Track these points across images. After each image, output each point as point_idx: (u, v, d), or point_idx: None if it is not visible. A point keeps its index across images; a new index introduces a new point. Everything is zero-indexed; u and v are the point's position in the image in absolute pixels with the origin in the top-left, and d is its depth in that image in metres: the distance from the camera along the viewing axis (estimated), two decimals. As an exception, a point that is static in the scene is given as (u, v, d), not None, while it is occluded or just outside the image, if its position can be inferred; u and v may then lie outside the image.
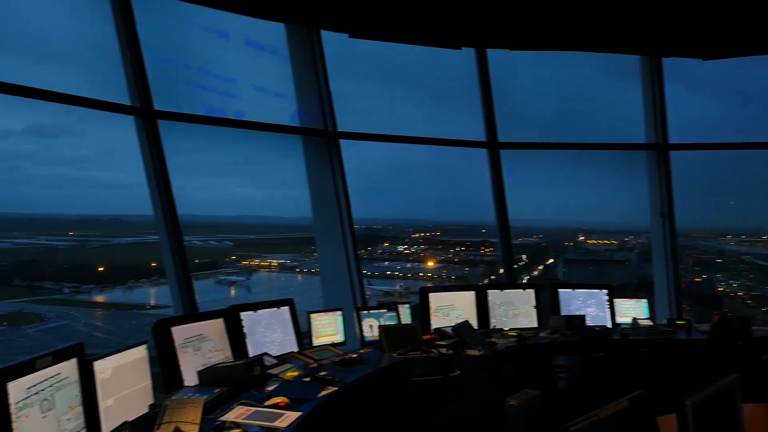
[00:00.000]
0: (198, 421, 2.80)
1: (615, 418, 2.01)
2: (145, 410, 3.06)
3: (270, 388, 3.55)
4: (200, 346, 3.96)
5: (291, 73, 6.18)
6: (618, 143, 7.30)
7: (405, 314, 5.64)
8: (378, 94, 7.47)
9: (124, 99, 4.84)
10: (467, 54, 6.82)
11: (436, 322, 5.64)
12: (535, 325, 6.02)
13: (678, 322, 6.07)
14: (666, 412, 2.03)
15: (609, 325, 6.08)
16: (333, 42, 6.21)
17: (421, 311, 5.72)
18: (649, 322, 6.16)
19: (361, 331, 5.25)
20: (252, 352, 4.33)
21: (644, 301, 6.40)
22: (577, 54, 6.77)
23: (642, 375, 5.32)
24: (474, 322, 5.72)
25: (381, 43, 6.40)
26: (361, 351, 4.90)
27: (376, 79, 7.45)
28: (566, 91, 8.00)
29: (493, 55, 6.80)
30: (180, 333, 3.84)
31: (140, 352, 3.21)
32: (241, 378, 3.59)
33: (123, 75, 4.85)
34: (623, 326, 6.10)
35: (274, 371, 4.00)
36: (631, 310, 6.33)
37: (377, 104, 7.42)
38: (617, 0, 5.33)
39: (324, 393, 3.55)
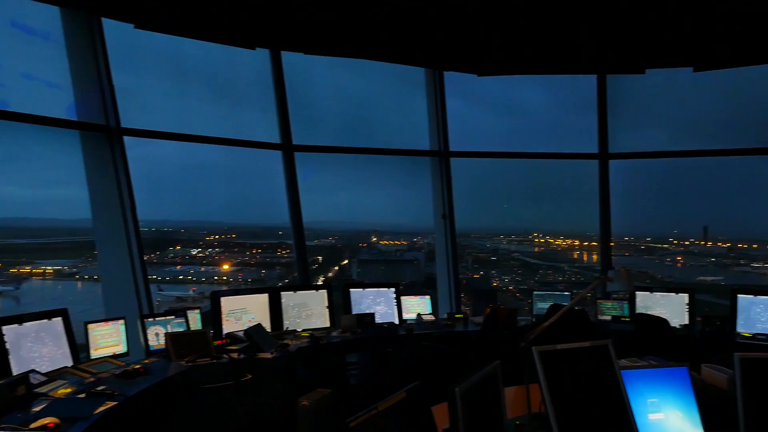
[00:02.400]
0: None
1: (393, 410, 2.10)
2: None
3: (37, 409, 3.22)
4: (-53, 368, 3.46)
5: (67, 62, 5.64)
6: (406, 149, 7.73)
7: (195, 320, 5.44)
8: (170, 91, 7.10)
9: None
10: (262, 55, 6.78)
11: (228, 327, 5.52)
12: (327, 324, 6.16)
13: (457, 315, 6.62)
14: (443, 400, 2.19)
15: (396, 321, 6.42)
16: (119, 32, 5.78)
17: (213, 316, 5.55)
18: (432, 317, 6.62)
19: (146, 339, 4.96)
20: (16, 370, 3.88)
21: (427, 297, 6.87)
22: (371, 63, 7.05)
23: (425, 367, 5.69)
24: (267, 325, 5.70)
25: (174, 38, 6.09)
26: (146, 361, 4.65)
27: (169, 75, 7.08)
28: (360, 97, 8.29)
29: (290, 57, 6.84)
30: None
31: None
32: (0, 400, 3.20)
33: None
34: (409, 322, 6.49)
35: (42, 389, 3.63)
36: (416, 307, 6.75)
37: (169, 101, 7.05)
38: (402, 14, 5.64)
39: (102, 409, 3.30)
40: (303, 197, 7.07)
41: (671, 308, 6.44)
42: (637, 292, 6.68)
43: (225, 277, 9.55)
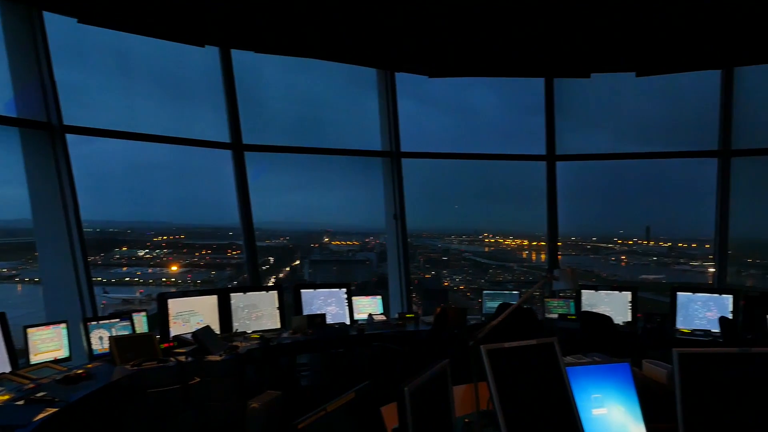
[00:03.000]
0: None
1: (342, 411, 2.10)
2: None
3: (-29, 417, 3.09)
4: None
5: (6, 56, 5.43)
6: (358, 150, 7.73)
7: (141, 323, 5.32)
8: (116, 88, 6.91)
9: None
10: (212, 52, 6.68)
11: (176, 330, 5.42)
12: (278, 326, 6.11)
13: (408, 315, 6.66)
14: (394, 400, 2.19)
15: (347, 322, 6.42)
16: (62, 26, 5.59)
17: (160, 319, 5.44)
18: (383, 317, 6.64)
19: (89, 343, 4.82)
20: (-51, 377, 3.73)
21: (379, 297, 6.89)
22: (323, 62, 7.02)
23: (376, 367, 5.70)
24: (216, 327, 5.62)
25: (120, 33, 5.93)
26: (89, 366, 4.53)
27: (115, 71, 6.89)
28: (312, 97, 8.23)
29: (240, 56, 6.75)
30: None
31: None
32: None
33: None
34: (360, 322, 6.49)
35: (-23, 397, 3.49)
36: (368, 307, 6.76)
37: (114, 98, 6.86)
38: (353, 15, 5.64)
39: (41, 416, 3.19)
40: (253, 197, 6.99)
41: (615, 306, 6.63)
42: (582, 291, 6.85)
43: (173, 279, 9.35)
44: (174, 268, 9.51)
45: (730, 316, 6.00)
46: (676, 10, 5.39)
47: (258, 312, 6.05)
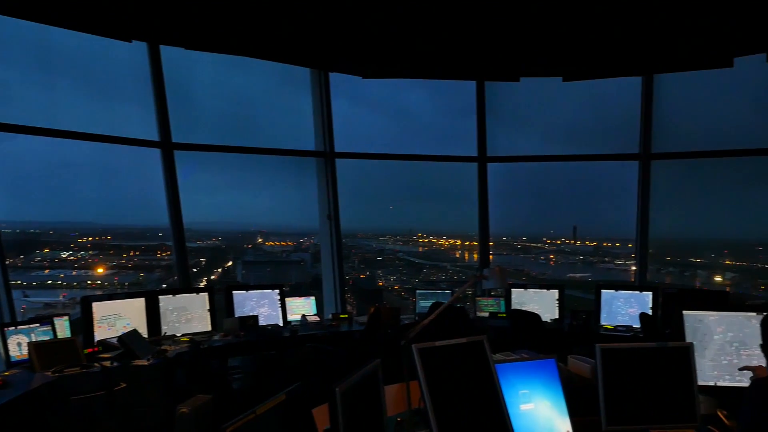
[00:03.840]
0: None
1: (272, 413, 2.07)
2: None
3: None
4: None
5: None
6: (291, 149, 7.66)
7: (63, 327, 5.11)
8: (36, 83, 6.61)
9: None
10: (140, 48, 6.48)
11: (101, 334, 5.23)
12: (209, 328, 5.99)
13: (341, 316, 6.66)
14: (326, 401, 2.18)
15: (281, 323, 6.36)
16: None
17: (84, 323, 5.23)
18: (317, 318, 6.61)
19: (6, 350, 4.58)
20: None
21: (312, 298, 6.85)
22: (255, 61, 6.92)
23: (309, 368, 5.67)
24: (144, 331, 5.46)
25: (42, 25, 5.66)
26: (6, 373, 4.31)
27: (35, 65, 6.58)
28: (244, 95, 8.12)
29: (169, 52, 6.58)
30: None
31: None
32: None
33: None
34: (294, 323, 6.44)
35: None
36: (301, 308, 6.72)
37: (35, 94, 6.56)
38: (285, 13, 5.59)
39: (-49, 428, 3.02)
40: (184, 197, 6.82)
41: (543, 304, 6.83)
42: (512, 289, 7.03)
43: (99, 282, 9.01)
44: (100, 270, 9.17)
45: (650, 312, 6.29)
46: (599, 20, 5.60)
47: (188, 314, 5.91)
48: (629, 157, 7.63)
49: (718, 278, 8.93)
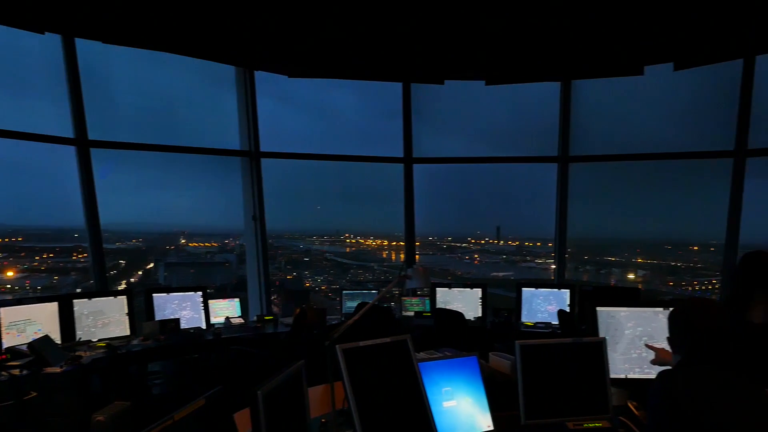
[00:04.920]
0: None
1: (191, 419, 2.02)
2: None
3: None
4: None
5: None
6: (215, 148, 7.50)
7: (-33, 335, 4.81)
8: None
9: None
10: (53, 40, 6.18)
11: (9, 341, 4.95)
12: (127, 333, 5.78)
13: (267, 317, 6.59)
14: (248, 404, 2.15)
15: (203, 326, 6.22)
16: None
17: (-10, 329, 4.95)
18: (241, 320, 6.51)
19: None
20: None
21: (237, 300, 6.74)
22: (178, 57, 6.72)
23: (233, 371, 5.58)
24: (57, 336, 5.21)
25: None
26: None
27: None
28: (166, 93, 7.88)
29: (86, 45, 6.30)
30: None
31: None
32: None
33: None
34: (217, 326, 6.32)
35: None
36: (225, 310, 6.60)
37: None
38: (208, 8, 5.47)
39: None
40: (101, 197, 6.55)
41: (467, 302, 6.98)
42: (437, 288, 7.14)
43: (9, 285, 8.54)
44: (9, 273, 8.71)
45: (568, 309, 6.54)
46: (520, 26, 5.77)
47: (105, 319, 5.68)
48: (549, 160, 7.90)
49: (631, 276, 9.37)
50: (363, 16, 5.58)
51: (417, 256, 8.51)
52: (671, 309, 2.35)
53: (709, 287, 8.42)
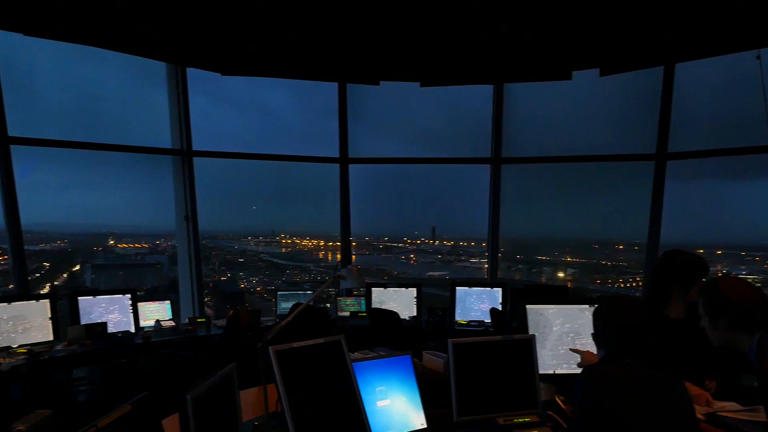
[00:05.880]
0: None
1: (116, 426, 1.96)
2: None
3: None
4: None
5: None
6: (146, 146, 7.28)
7: None
8: None
9: None
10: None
11: None
12: (50, 338, 5.54)
13: (199, 320, 6.45)
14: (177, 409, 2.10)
15: (132, 330, 6.04)
16: None
17: None
18: (172, 323, 6.35)
19: None
20: None
21: (167, 302, 6.57)
22: (106, 52, 6.48)
23: (164, 376, 5.44)
24: (-27, 343, 4.95)
25: None
26: None
27: None
28: (94, 89, 7.59)
29: (5, 37, 5.99)
30: None
31: None
32: None
33: None
34: (146, 329, 6.14)
35: None
36: (155, 313, 6.43)
37: None
38: (139, 4, 5.31)
39: None
40: (22, 196, 6.25)
41: (402, 302, 7.04)
42: (372, 288, 7.17)
43: None
44: None
45: (500, 307, 6.69)
46: (453, 30, 5.86)
47: (26, 323, 5.43)
48: (482, 161, 8.06)
49: (561, 274, 9.66)
50: (297, 15, 5.54)
51: (353, 257, 8.52)
52: (595, 306, 2.45)
53: (634, 285, 8.78)
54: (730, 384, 3.07)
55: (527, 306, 3.36)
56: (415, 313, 7.04)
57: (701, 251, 5.06)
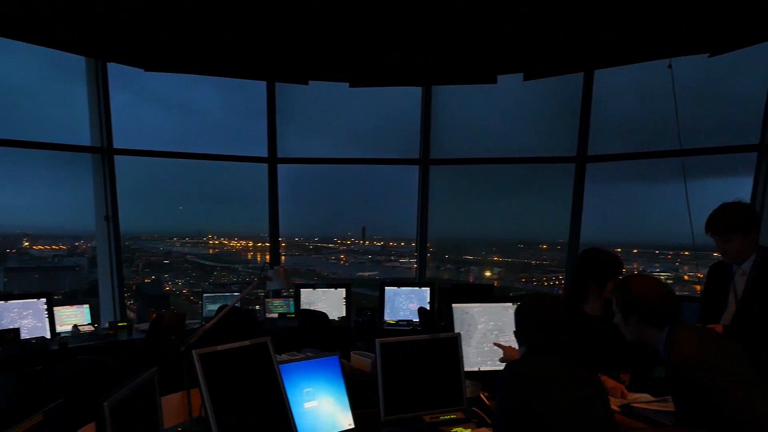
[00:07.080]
0: None
1: (28, 436, 1.88)
2: None
3: None
4: None
5: None
6: (63, 144, 6.96)
7: None
8: None
9: None
10: None
11: None
12: (-43, 346, 5.23)
13: (120, 324, 6.23)
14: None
15: (48, 335, 5.77)
16: None
17: None
18: (91, 328, 6.11)
19: None
20: None
21: (86, 306, 6.32)
22: (18, 44, 6.15)
23: (81, 383, 5.23)
24: None
25: None
26: None
27: None
28: (6, 82, 7.21)
29: None
30: None
31: None
32: None
33: None
34: (63, 335, 5.89)
35: None
36: (73, 317, 6.18)
37: None
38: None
39: None
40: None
41: (331, 302, 7.03)
42: (301, 289, 7.12)
43: None
44: None
45: (428, 307, 6.78)
46: (381, 31, 5.89)
47: (-72, 331, 5.11)
48: (410, 162, 8.15)
49: (488, 273, 9.89)
50: (224, 11, 5.43)
51: (283, 257, 8.43)
52: (517, 305, 2.53)
53: (557, 282, 9.09)
54: (643, 376, 3.21)
55: (453, 305, 3.43)
56: (344, 314, 7.04)
57: (619, 250, 5.31)
